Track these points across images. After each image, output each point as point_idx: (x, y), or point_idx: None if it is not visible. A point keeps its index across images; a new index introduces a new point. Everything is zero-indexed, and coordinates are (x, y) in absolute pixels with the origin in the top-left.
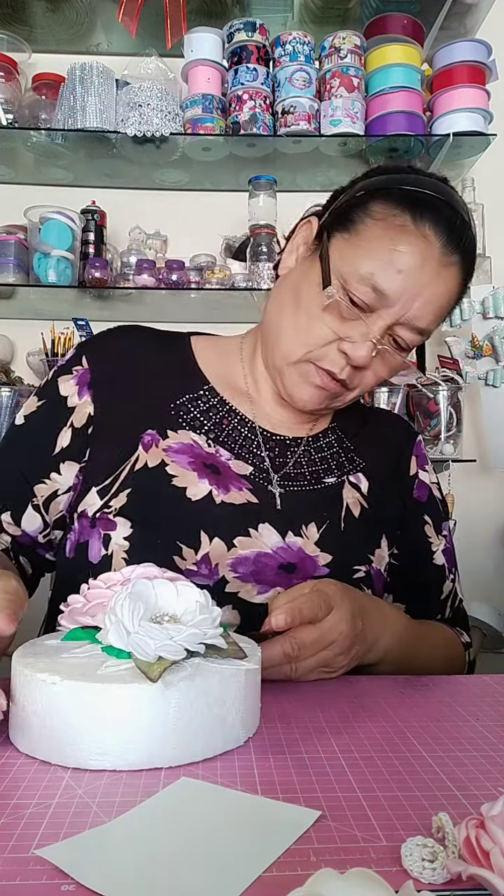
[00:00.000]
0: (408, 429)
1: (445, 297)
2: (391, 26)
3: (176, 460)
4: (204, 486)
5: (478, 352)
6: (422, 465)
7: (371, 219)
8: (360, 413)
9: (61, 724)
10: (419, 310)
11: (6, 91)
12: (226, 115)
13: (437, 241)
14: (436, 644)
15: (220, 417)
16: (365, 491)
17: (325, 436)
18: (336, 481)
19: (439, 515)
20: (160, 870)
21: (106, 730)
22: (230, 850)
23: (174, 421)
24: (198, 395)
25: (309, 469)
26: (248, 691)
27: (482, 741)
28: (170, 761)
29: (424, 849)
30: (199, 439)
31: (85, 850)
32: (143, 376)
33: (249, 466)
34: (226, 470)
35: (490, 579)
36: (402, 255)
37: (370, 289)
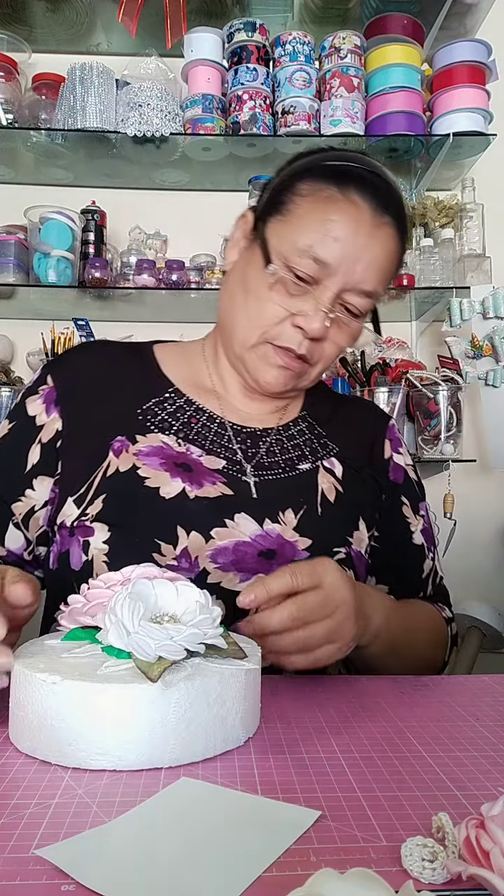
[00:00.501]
0: (380, 413)
1: (385, 257)
2: (391, 26)
3: (147, 463)
4: (177, 484)
5: (478, 352)
6: (395, 448)
7: (300, 197)
8: (331, 400)
9: (61, 724)
10: (362, 273)
11: (6, 91)
12: (226, 115)
13: (366, 205)
14: (419, 620)
15: (188, 417)
16: (339, 475)
17: (296, 424)
18: (310, 467)
19: (416, 496)
20: (160, 870)
21: (106, 730)
22: (230, 850)
23: (142, 426)
24: (164, 398)
25: (282, 457)
26: (247, 691)
27: (482, 741)
28: (170, 761)
29: (424, 849)
30: (168, 440)
31: (85, 850)
32: (109, 387)
33: (222, 460)
34: (197, 466)
35: (490, 579)
36: (335, 223)
37: (311, 261)
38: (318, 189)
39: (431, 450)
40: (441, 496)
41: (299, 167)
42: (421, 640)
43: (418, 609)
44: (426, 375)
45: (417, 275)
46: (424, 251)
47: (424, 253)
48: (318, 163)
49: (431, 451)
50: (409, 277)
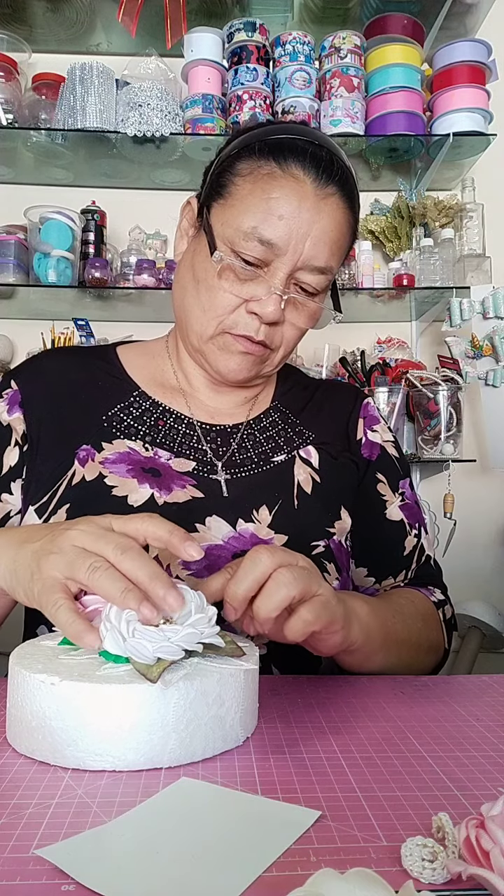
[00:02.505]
0: (355, 393)
1: (334, 229)
2: (391, 26)
3: (114, 470)
4: (145, 490)
5: (478, 352)
6: (370, 426)
7: (239, 177)
8: (305, 387)
9: (60, 725)
10: (312, 249)
11: (6, 91)
12: (226, 115)
13: (308, 177)
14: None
15: (155, 419)
16: (316, 464)
17: (268, 415)
18: (286, 458)
19: (396, 473)
20: (160, 870)
21: (105, 730)
22: (230, 850)
23: (108, 433)
24: (129, 402)
25: (255, 451)
26: (246, 691)
27: (482, 741)
28: (169, 761)
29: (424, 849)
30: (135, 445)
31: (85, 850)
32: (73, 394)
33: (192, 462)
34: (166, 471)
35: (490, 579)
36: (277, 201)
37: (257, 243)
38: (256, 167)
39: (431, 450)
40: (441, 496)
41: (236, 146)
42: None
43: (400, 596)
44: (426, 375)
45: (417, 275)
46: (424, 251)
47: (424, 253)
48: (255, 139)
49: (431, 451)
50: (409, 277)
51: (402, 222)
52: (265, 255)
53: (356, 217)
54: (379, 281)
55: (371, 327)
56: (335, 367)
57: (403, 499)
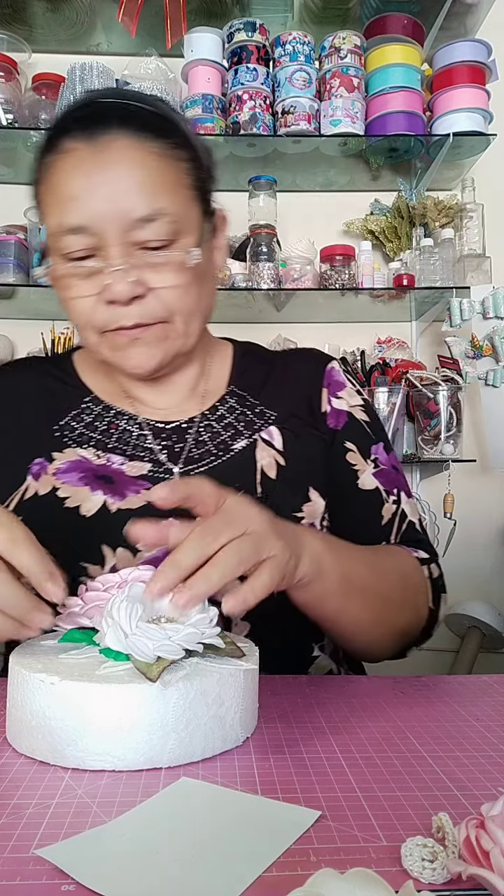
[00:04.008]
0: (318, 359)
1: (134, 170)
2: (391, 26)
3: (66, 481)
4: (97, 498)
5: (478, 352)
6: (334, 393)
7: (40, 185)
8: (265, 361)
9: (60, 725)
10: (123, 204)
11: (6, 91)
12: (226, 115)
13: (79, 143)
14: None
15: (107, 424)
16: (280, 446)
17: (224, 402)
18: (247, 443)
19: (366, 438)
20: (160, 870)
21: (104, 730)
22: (230, 850)
23: (59, 442)
24: (81, 409)
25: (214, 442)
26: (246, 691)
27: (482, 741)
28: (169, 761)
29: (424, 849)
30: (86, 453)
31: (85, 850)
32: (25, 408)
33: (147, 464)
34: (119, 476)
35: (490, 579)
36: (62, 185)
37: (72, 235)
38: (42, 165)
39: (431, 450)
40: (441, 496)
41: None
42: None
43: (379, 548)
44: (426, 375)
45: (417, 275)
46: (424, 251)
47: (424, 253)
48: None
49: (431, 451)
50: (409, 277)
51: (402, 222)
52: (88, 241)
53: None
54: (379, 281)
55: (371, 327)
56: None
57: (377, 464)
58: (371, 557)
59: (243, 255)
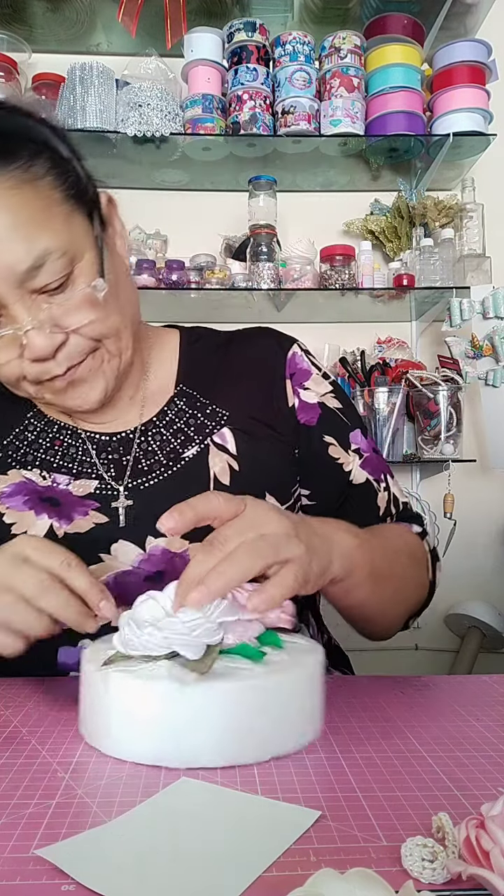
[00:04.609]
0: (277, 345)
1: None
2: (391, 26)
3: (11, 505)
4: (43, 522)
5: (478, 352)
6: (300, 383)
7: None
8: (214, 351)
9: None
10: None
11: (6, 91)
12: (226, 115)
13: None
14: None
15: (51, 440)
16: (233, 450)
17: (172, 405)
18: (198, 450)
19: (342, 427)
20: (160, 870)
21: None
22: (230, 850)
23: (3, 463)
24: (24, 426)
25: (163, 451)
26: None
27: (482, 741)
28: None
29: (424, 849)
30: (30, 475)
31: (85, 850)
32: None
33: (94, 481)
34: (65, 497)
35: (490, 579)
36: None
37: None
38: None
39: (431, 450)
40: (441, 496)
41: None
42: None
43: (385, 529)
44: (426, 375)
45: (417, 275)
46: (424, 251)
47: (424, 253)
48: None
49: (431, 451)
50: (409, 277)
51: (402, 222)
52: None
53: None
54: (379, 281)
55: (371, 327)
56: (335, 367)
57: (360, 454)
58: (386, 542)
59: (243, 255)
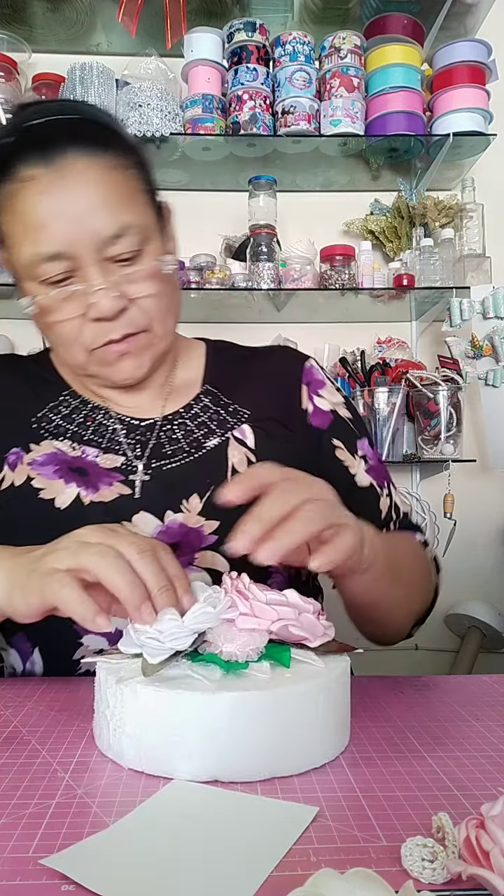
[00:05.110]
0: (295, 358)
1: (97, 190)
2: (391, 26)
3: (41, 472)
4: (71, 490)
5: (478, 352)
6: (315, 391)
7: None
8: (239, 362)
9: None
10: (91, 226)
11: (6, 91)
12: (226, 115)
13: (37, 168)
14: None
15: (84, 417)
16: (252, 444)
17: (199, 400)
18: (219, 442)
19: (351, 434)
20: (171, 876)
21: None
22: (234, 852)
23: (36, 434)
24: (59, 401)
25: (187, 440)
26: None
27: (482, 741)
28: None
29: (424, 849)
30: (61, 445)
31: (91, 858)
32: (6, 399)
33: (120, 457)
34: (93, 468)
35: (490, 579)
36: (29, 213)
37: (47, 262)
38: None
39: (431, 450)
40: (441, 496)
41: None
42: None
43: (393, 534)
44: (426, 375)
45: (417, 275)
46: (424, 251)
47: (424, 253)
48: None
49: (431, 451)
50: (409, 277)
51: (402, 222)
52: (64, 265)
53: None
54: (379, 281)
55: (371, 327)
56: (335, 367)
57: (366, 461)
58: (397, 543)
59: (243, 255)
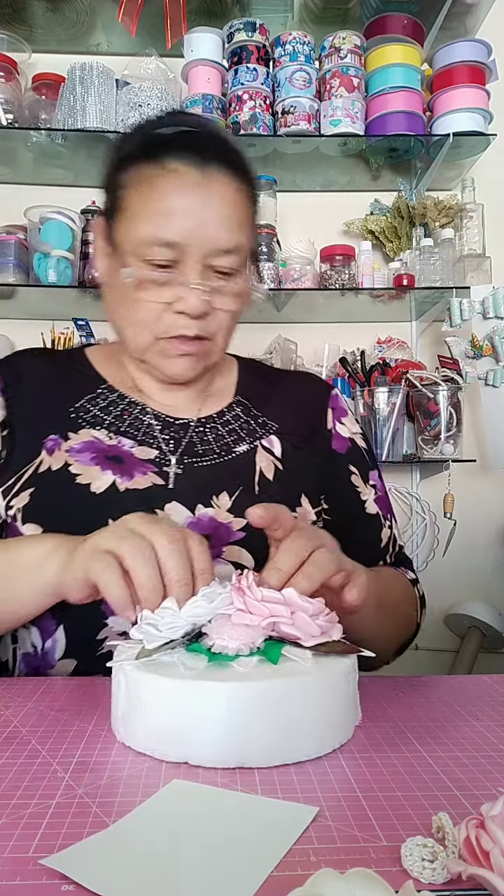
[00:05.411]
0: (323, 385)
1: (227, 207)
2: (391, 26)
3: (78, 459)
4: (107, 477)
5: (478, 352)
6: (339, 418)
7: (126, 188)
8: (268, 379)
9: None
10: (213, 233)
11: (6, 91)
12: (226, 115)
13: (188, 166)
14: (390, 578)
15: (121, 410)
16: (279, 453)
17: (231, 409)
18: (248, 448)
19: (365, 464)
20: (172, 876)
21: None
22: (234, 852)
23: (74, 423)
24: (96, 393)
25: (217, 443)
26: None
27: (482, 741)
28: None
29: (424, 849)
30: (99, 434)
31: (92, 858)
32: (44, 388)
33: (154, 450)
34: (129, 458)
35: (490, 579)
36: (165, 201)
37: (161, 247)
38: (137, 173)
39: (431, 450)
40: (441, 496)
41: (116, 159)
42: (396, 597)
43: (385, 570)
44: (426, 375)
45: (417, 275)
46: (424, 251)
47: (424, 253)
48: (129, 146)
49: (431, 451)
50: (409, 277)
51: (402, 222)
52: (173, 255)
53: (249, 185)
54: (379, 281)
55: (371, 327)
56: (335, 367)
57: (376, 491)
58: (388, 581)
59: None
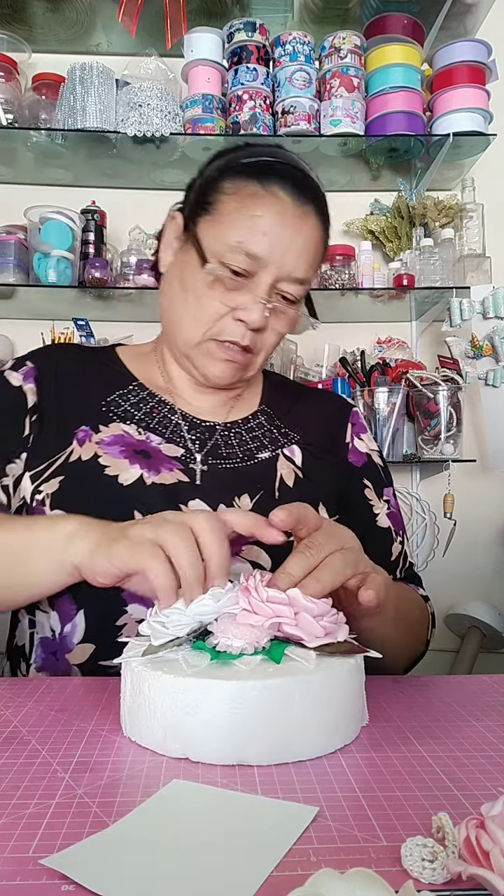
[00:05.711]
0: (344, 402)
1: (312, 243)
2: (391, 26)
3: (108, 451)
4: (135, 470)
5: (478, 352)
6: (357, 434)
7: (226, 195)
8: (291, 392)
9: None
10: (293, 261)
11: (6, 91)
12: (226, 115)
13: (288, 197)
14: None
15: (151, 408)
16: (299, 462)
17: (256, 417)
18: (270, 455)
19: (381, 480)
20: (172, 876)
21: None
22: (234, 852)
23: (105, 417)
24: (127, 390)
25: (241, 448)
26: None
27: (482, 741)
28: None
29: (424, 849)
30: (129, 429)
31: (92, 858)
32: (77, 380)
33: (180, 449)
34: (156, 454)
35: (490, 579)
36: (261, 218)
37: (244, 256)
38: (241, 186)
39: (431, 450)
40: (441, 496)
41: (221, 166)
42: (412, 611)
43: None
44: (426, 375)
45: (417, 275)
46: (424, 251)
47: (424, 253)
48: (237, 161)
49: (431, 451)
50: (409, 277)
51: (402, 222)
52: (251, 266)
53: (328, 233)
54: (379, 281)
55: (371, 327)
56: (335, 367)
57: (389, 507)
58: (402, 592)
59: None
